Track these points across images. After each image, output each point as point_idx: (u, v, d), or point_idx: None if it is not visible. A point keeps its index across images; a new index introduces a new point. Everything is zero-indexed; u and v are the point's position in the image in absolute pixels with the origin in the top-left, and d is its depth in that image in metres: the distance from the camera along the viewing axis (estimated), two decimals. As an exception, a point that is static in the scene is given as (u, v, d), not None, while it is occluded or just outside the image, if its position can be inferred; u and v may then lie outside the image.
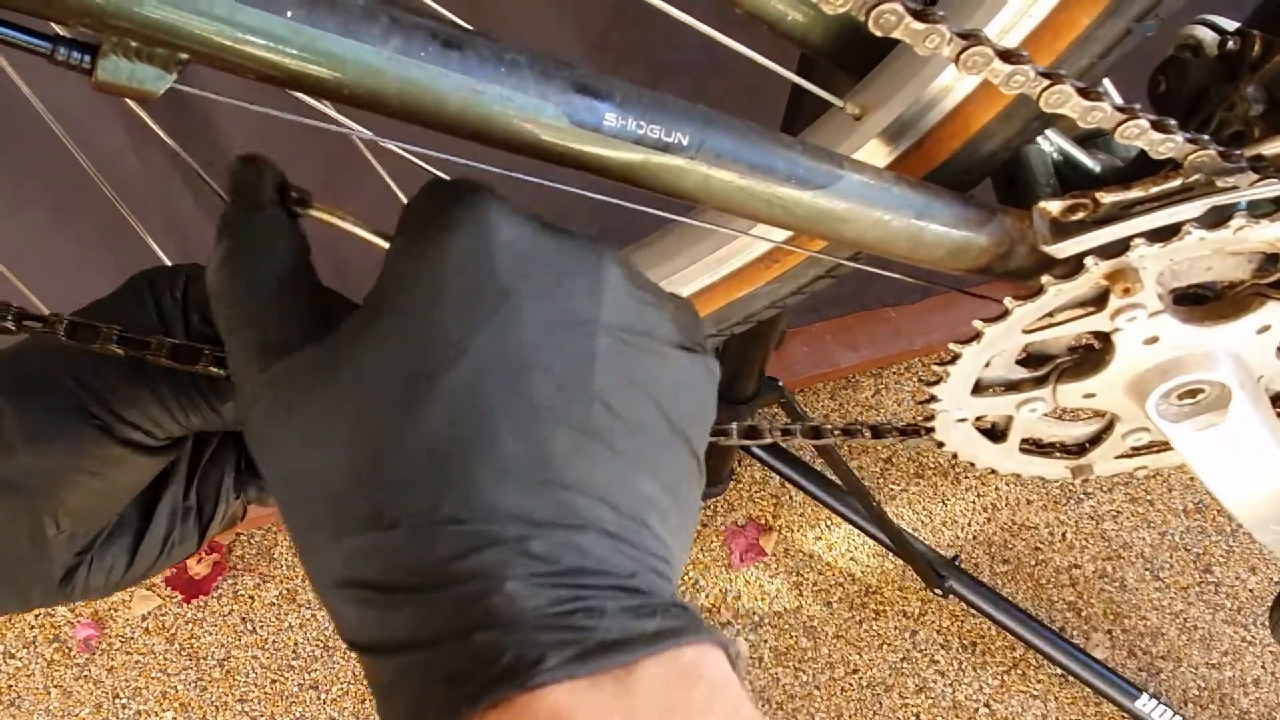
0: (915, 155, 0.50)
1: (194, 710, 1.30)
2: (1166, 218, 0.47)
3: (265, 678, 1.32)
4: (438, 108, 0.35)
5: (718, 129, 0.40)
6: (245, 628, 1.35)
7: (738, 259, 0.58)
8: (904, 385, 1.49)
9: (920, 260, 0.49)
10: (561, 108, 0.37)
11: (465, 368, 0.28)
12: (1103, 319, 0.51)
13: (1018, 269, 0.51)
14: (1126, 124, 0.43)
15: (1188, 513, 1.40)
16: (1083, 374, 0.56)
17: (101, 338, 0.36)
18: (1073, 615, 1.34)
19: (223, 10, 0.30)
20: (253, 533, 1.41)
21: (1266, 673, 1.30)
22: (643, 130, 0.38)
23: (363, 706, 1.29)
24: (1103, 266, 0.48)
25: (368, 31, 0.33)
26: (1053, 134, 0.53)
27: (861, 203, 0.44)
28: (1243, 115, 0.48)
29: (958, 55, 0.41)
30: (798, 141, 0.43)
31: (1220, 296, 0.54)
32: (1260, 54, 0.48)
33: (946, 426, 0.61)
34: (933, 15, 0.40)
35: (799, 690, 1.29)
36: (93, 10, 0.29)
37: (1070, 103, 0.42)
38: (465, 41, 0.35)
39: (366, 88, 0.34)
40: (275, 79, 0.33)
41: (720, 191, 0.41)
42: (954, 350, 0.54)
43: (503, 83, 0.35)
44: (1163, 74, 0.54)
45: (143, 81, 0.31)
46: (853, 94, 0.51)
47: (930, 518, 1.41)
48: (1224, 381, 0.54)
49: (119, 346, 0.36)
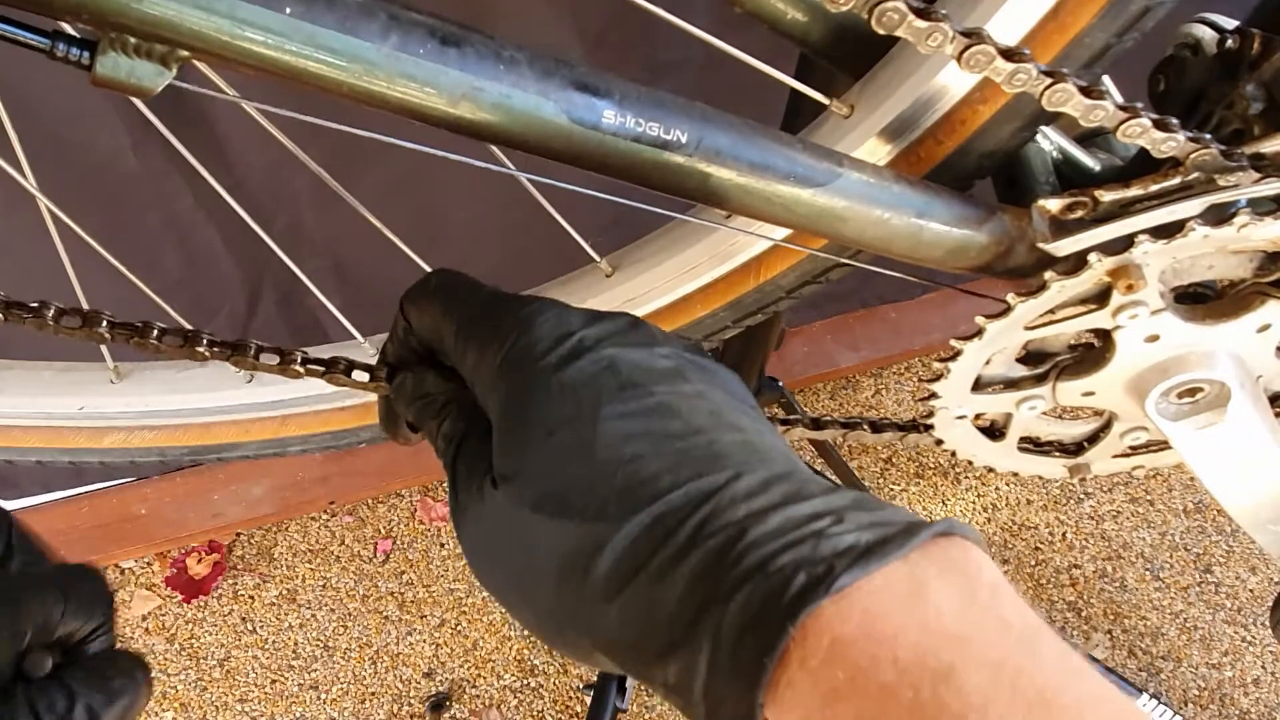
0: (915, 154, 0.50)
1: (194, 710, 1.30)
2: (1167, 216, 0.47)
3: (265, 678, 1.32)
4: (436, 105, 0.35)
5: (716, 126, 0.40)
6: (245, 628, 1.35)
7: (739, 256, 0.58)
8: (904, 385, 1.49)
9: (920, 259, 0.49)
10: (561, 105, 0.37)
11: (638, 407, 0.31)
12: (1104, 316, 0.51)
13: (1017, 267, 0.51)
14: (1128, 123, 0.43)
15: (1188, 513, 1.40)
16: (1083, 372, 0.56)
17: None
18: (1073, 615, 1.34)
19: (222, 6, 0.30)
20: (253, 533, 1.41)
21: (1266, 673, 1.30)
22: (642, 128, 0.38)
23: (363, 706, 1.29)
24: (1106, 263, 0.48)
25: (366, 28, 0.33)
26: (1052, 132, 0.53)
27: (861, 201, 0.44)
28: (1242, 113, 0.48)
29: (960, 54, 0.41)
30: (797, 139, 0.43)
31: (1221, 295, 0.54)
32: (1259, 52, 0.48)
33: (946, 424, 0.61)
34: (935, 14, 0.40)
35: (799, 690, 1.29)
36: (92, 6, 0.29)
37: (1072, 101, 0.42)
38: (464, 38, 0.35)
39: (365, 84, 0.34)
40: (274, 76, 0.33)
41: (719, 189, 0.41)
42: (955, 346, 0.54)
43: (501, 80, 0.35)
44: (1162, 72, 0.54)
45: (141, 78, 0.31)
46: (849, 93, 0.51)
47: (930, 517, 1.41)
48: (1223, 380, 0.54)
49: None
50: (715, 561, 0.27)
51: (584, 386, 0.31)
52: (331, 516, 1.42)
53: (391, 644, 1.33)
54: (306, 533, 1.41)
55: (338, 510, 1.42)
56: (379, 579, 1.37)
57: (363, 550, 1.40)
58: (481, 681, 1.31)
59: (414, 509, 1.42)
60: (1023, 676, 0.24)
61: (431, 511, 1.42)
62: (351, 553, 1.40)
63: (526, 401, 0.32)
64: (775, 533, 0.27)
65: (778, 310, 0.62)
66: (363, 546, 1.40)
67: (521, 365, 0.33)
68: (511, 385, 0.33)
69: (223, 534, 1.40)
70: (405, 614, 1.35)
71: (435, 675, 1.31)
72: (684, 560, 0.28)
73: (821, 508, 0.28)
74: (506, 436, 0.32)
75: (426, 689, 1.30)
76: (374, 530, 1.41)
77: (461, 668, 1.31)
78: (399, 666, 1.32)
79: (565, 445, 0.31)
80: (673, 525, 0.28)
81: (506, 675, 1.31)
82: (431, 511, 1.42)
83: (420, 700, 1.30)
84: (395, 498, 1.43)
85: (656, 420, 0.31)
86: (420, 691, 1.30)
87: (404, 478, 1.41)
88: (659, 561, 0.28)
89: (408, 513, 1.42)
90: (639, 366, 0.32)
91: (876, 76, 0.50)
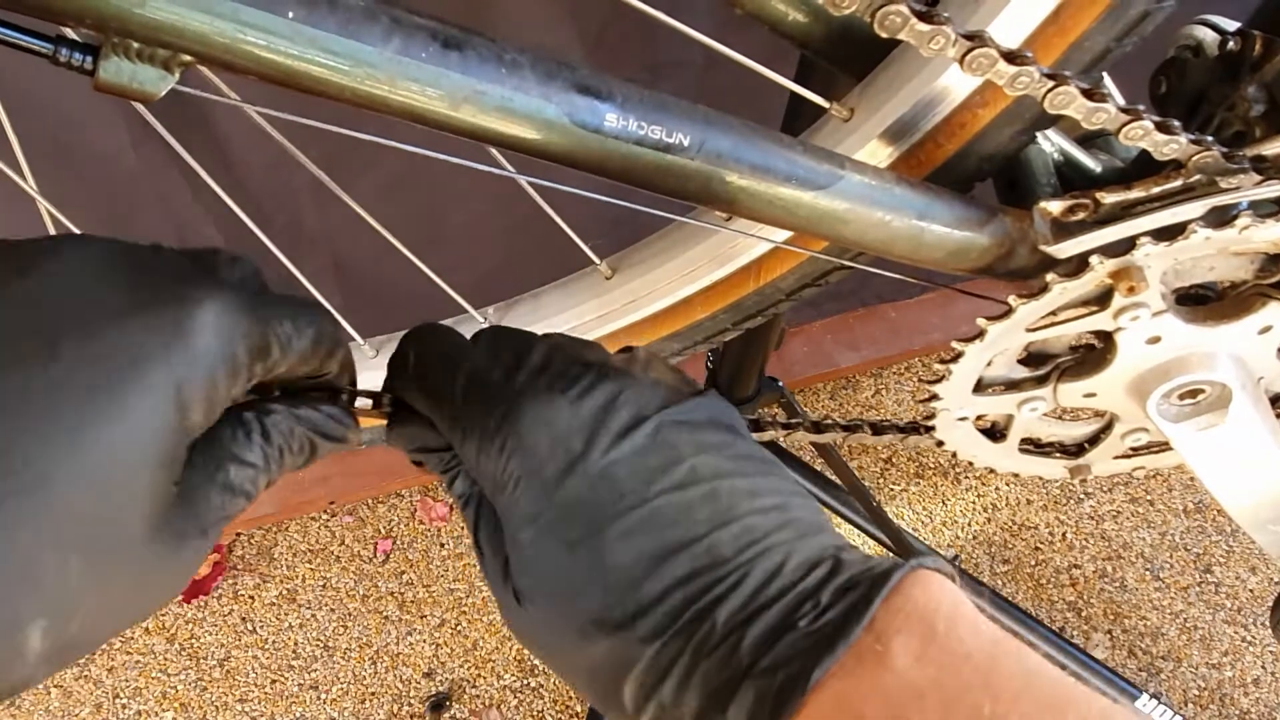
0: (916, 156, 0.50)
1: (194, 710, 1.30)
2: (1168, 218, 0.47)
3: (265, 678, 1.32)
4: (438, 108, 0.35)
5: (718, 129, 0.40)
6: (245, 628, 1.35)
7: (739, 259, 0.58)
8: (904, 385, 1.49)
9: (922, 261, 0.49)
10: (563, 108, 0.37)
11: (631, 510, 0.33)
12: (1105, 318, 0.51)
13: (1019, 269, 0.51)
14: (1130, 125, 0.43)
15: (1188, 513, 1.40)
16: (1084, 373, 0.56)
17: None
18: (1073, 615, 1.34)
19: (224, 10, 0.30)
20: (253, 532, 1.41)
21: (1266, 673, 1.30)
22: (644, 131, 0.38)
23: (363, 706, 1.29)
24: (1108, 265, 0.48)
25: (368, 32, 0.33)
26: (1053, 134, 0.53)
27: (863, 203, 0.44)
28: (1243, 115, 0.48)
29: (962, 56, 0.41)
30: (798, 142, 0.43)
31: (1222, 297, 0.54)
32: (1261, 54, 0.48)
33: (947, 425, 0.61)
34: (937, 16, 0.40)
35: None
36: (94, 12, 0.29)
37: (1075, 104, 0.42)
38: (466, 42, 0.35)
39: (367, 88, 0.34)
40: (276, 80, 0.33)
41: (721, 192, 0.41)
42: (957, 348, 0.54)
43: (504, 83, 0.35)
44: (1163, 74, 0.54)
45: (144, 83, 0.31)
46: (849, 96, 0.51)
47: (930, 518, 1.41)
48: (1225, 382, 0.54)
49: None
50: (715, 678, 0.31)
51: (583, 505, 0.33)
52: (331, 516, 1.42)
53: (391, 644, 1.33)
54: (306, 533, 1.41)
55: (338, 510, 1.42)
56: (379, 579, 1.38)
57: (363, 550, 1.40)
58: (481, 681, 1.31)
59: (414, 509, 1.42)
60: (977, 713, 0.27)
61: (431, 511, 1.42)
62: (351, 553, 1.40)
63: (533, 519, 0.34)
64: (762, 640, 0.31)
65: (778, 312, 0.62)
66: (363, 546, 1.40)
67: (520, 482, 0.34)
68: (512, 504, 0.34)
69: (223, 534, 1.39)
70: (405, 614, 1.35)
71: (435, 675, 1.31)
72: (689, 682, 0.31)
73: (804, 590, 0.32)
74: (521, 554, 0.34)
75: (426, 689, 1.30)
76: (374, 530, 1.41)
77: (461, 668, 1.32)
78: (399, 666, 1.32)
79: (578, 571, 0.33)
80: (678, 650, 0.31)
81: (506, 675, 1.31)
82: (431, 511, 1.42)
83: (420, 700, 1.30)
84: (395, 498, 1.43)
85: (657, 532, 0.33)
86: (420, 691, 1.30)
87: (404, 478, 1.41)
88: (670, 686, 0.31)
89: (408, 513, 1.42)
90: (632, 469, 0.34)
91: (877, 79, 0.50)
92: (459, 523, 1.41)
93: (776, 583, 0.32)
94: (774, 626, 0.31)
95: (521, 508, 0.34)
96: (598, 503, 0.33)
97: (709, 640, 0.31)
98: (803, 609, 0.31)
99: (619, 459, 0.34)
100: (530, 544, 0.34)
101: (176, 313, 0.28)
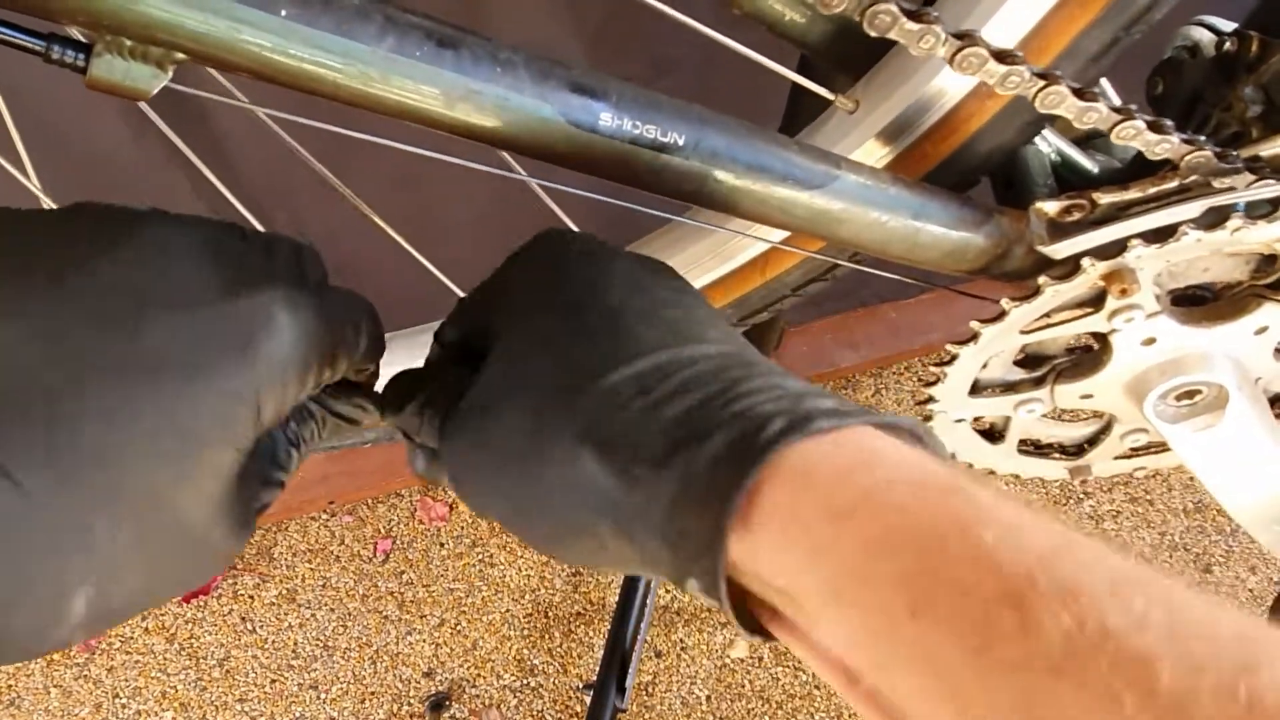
0: (912, 156, 0.50)
1: (193, 710, 1.30)
2: (1164, 219, 0.47)
3: (265, 677, 1.32)
4: (432, 107, 0.35)
5: (713, 129, 0.40)
6: (245, 627, 1.35)
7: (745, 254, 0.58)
8: (904, 385, 1.49)
9: (918, 261, 0.49)
10: (557, 107, 0.37)
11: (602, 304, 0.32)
12: (1100, 320, 0.51)
13: (1015, 270, 0.51)
14: (1122, 125, 0.43)
15: (1188, 513, 1.40)
16: (1080, 375, 0.56)
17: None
18: (1072, 616, 1.34)
19: (218, 8, 0.30)
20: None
21: (1266, 674, 1.30)
22: (639, 130, 0.38)
23: (362, 706, 1.29)
24: (1100, 267, 0.48)
25: (362, 31, 0.33)
26: (1050, 134, 0.53)
27: (858, 203, 0.44)
28: (1240, 116, 0.48)
29: (952, 56, 0.41)
30: (794, 142, 0.43)
31: (1218, 297, 0.54)
32: (1257, 55, 0.48)
33: (945, 427, 0.61)
34: (927, 15, 0.40)
35: (799, 690, 1.29)
36: (87, 9, 0.29)
37: (1065, 104, 0.42)
38: (460, 41, 0.35)
39: (361, 87, 0.34)
40: (269, 78, 0.33)
41: (716, 191, 0.41)
42: (951, 351, 0.54)
43: (498, 82, 0.35)
44: (1160, 75, 0.54)
45: (137, 80, 0.31)
46: (853, 89, 0.51)
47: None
48: (1221, 383, 0.54)
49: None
50: (700, 407, 0.29)
51: (555, 333, 0.32)
52: (331, 516, 1.42)
53: (391, 644, 1.33)
54: (306, 532, 1.41)
55: (338, 510, 1.43)
56: (379, 579, 1.38)
57: (362, 550, 1.40)
58: (481, 681, 1.31)
59: (414, 509, 1.42)
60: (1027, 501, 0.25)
61: (431, 511, 1.42)
62: (351, 552, 1.40)
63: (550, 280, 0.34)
64: (760, 389, 0.29)
65: (782, 308, 0.62)
66: (362, 546, 1.40)
67: (543, 257, 0.35)
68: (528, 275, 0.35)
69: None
70: (405, 614, 1.35)
71: (435, 675, 1.31)
72: (672, 401, 0.29)
73: (805, 388, 0.29)
74: (488, 370, 0.33)
75: (426, 689, 1.30)
76: (374, 530, 1.41)
77: (461, 667, 1.32)
78: (399, 666, 1.32)
79: (557, 337, 0.32)
80: (670, 371, 0.30)
81: (506, 675, 1.31)
82: (431, 511, 1.42)
83: (420, 700, 1.30)
84: (395, 498, 1.43)
85: (662, 309, 0.32)
86: (420, 691, 1.30)
87: (404, 478, 1.41)
88: (657, 395, 0.29)
89: (408, 513, 1.42)
90: (641, 267, 0.35)
91: (874, 78, 0.50)
92: (459, 523, 1.41)
93: (769, 365, 0.31)
94: (772, 385, 0.29)
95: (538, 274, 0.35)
96: (610, 278, 0.33)
97: (701, 377, 0.30)
98: (808, 392, 0.29)
99: (630, 261, 0.35)
100: (498, 357, 0.33)
101: (259, 314, 0.29)
